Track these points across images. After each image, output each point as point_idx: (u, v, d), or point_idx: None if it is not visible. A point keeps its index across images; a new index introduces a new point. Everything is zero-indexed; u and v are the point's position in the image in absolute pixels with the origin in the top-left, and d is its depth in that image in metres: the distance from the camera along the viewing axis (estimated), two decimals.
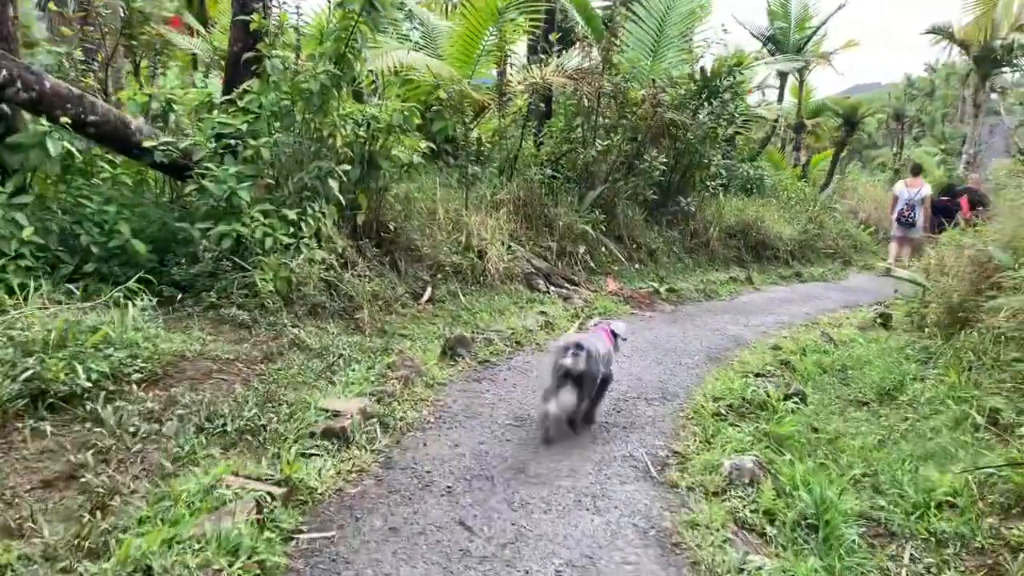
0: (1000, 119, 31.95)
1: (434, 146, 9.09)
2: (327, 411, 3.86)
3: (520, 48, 11.61)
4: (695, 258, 11.53)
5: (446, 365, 5.17)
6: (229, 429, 3.63)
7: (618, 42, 10.89)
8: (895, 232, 13.03)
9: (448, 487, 3.38)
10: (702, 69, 11.55)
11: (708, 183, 11.96)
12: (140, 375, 4.03)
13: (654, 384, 5.28)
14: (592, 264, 9.45)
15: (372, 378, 4.49)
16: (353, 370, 4.66)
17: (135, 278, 4.98)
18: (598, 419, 4.40)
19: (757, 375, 5.30)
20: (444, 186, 8.84)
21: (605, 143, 10.09)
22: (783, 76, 22.34)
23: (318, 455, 3.48)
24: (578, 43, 11.47)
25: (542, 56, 10.80)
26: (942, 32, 25.32)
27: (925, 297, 6.56)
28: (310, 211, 6.13)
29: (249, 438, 3.61)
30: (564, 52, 11.86)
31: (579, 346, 3.95)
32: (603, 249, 9.79)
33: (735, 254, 12.50)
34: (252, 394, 4.11)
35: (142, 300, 4.66)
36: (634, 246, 10.43)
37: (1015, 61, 25.00)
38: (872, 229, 18.53)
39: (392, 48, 9.75)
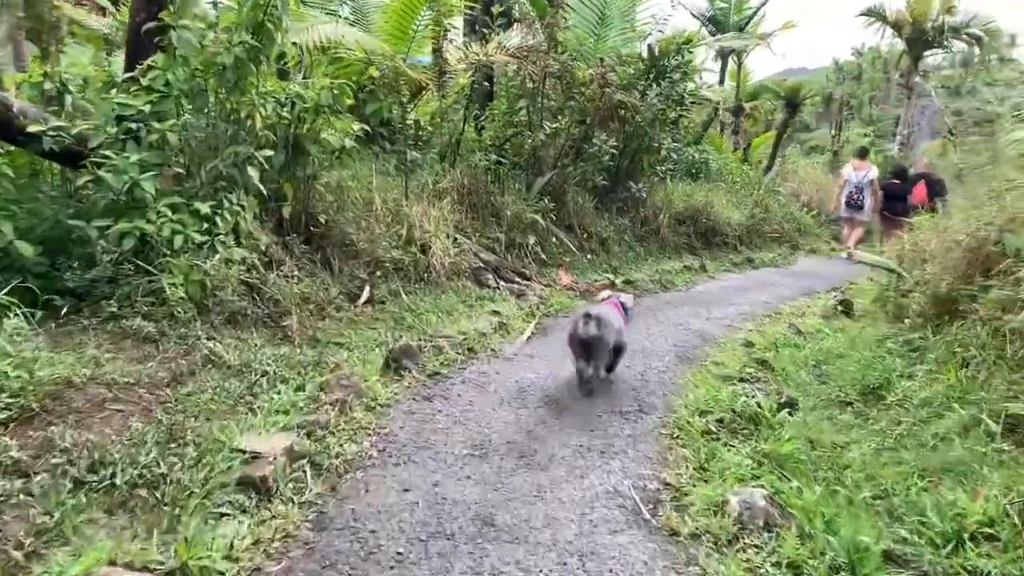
0: (931, 101, 32.68)
1: (368, 129, 8.35)
2: (245, 452, 3.12)
3: (459, 23, 10.86)
4: (646, 246, 11.04)
5: (390, 380, 4.47)
6: (119, 482, 2.88)
7: (563, 18, 10.26)
8: (844, 214, 13.40)
9: (398, 553, 2.70)
10: (649, 48, 11.03)
11: (658, 168, 11.46)
12: (7, 413, 3.23)
13: (627, 393, 4.69)
14: (543, 256, 8.84)
15: (301, 403, 3.76)
16: (279, 392, 3.93)
17: (9, 288, 4.14)
18: (613, 379, 5.02)
19: (740, 380, 4.76)
20: (381, 174, 8.09)
21: (553, 126, 9.47)
22: (724, 59, 22.14)
23: (231, 515, 2.75)
24: (521, 19, 10.79)
25: (484, 31, 10.09)
26: (876, 14, 25.58)
27: (901, 285, 6.15)
28: (227, 204, 5.33)
29: (144, 493, 2.86)
30: (505, 30, 11.19)
31: (589, 315, 4.49)
32: (554, 239, 9.18)
33: (685, 241, 12.07)
34: (153, 430, 3.35)
35: (14, 316, 3.82)
36: (585, 235, 9.87)
37: (946, 43, 25.45)
38: (815, 212, 18.46)
39: (319, 22, 8.90)
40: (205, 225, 5.16)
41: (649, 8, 11.89)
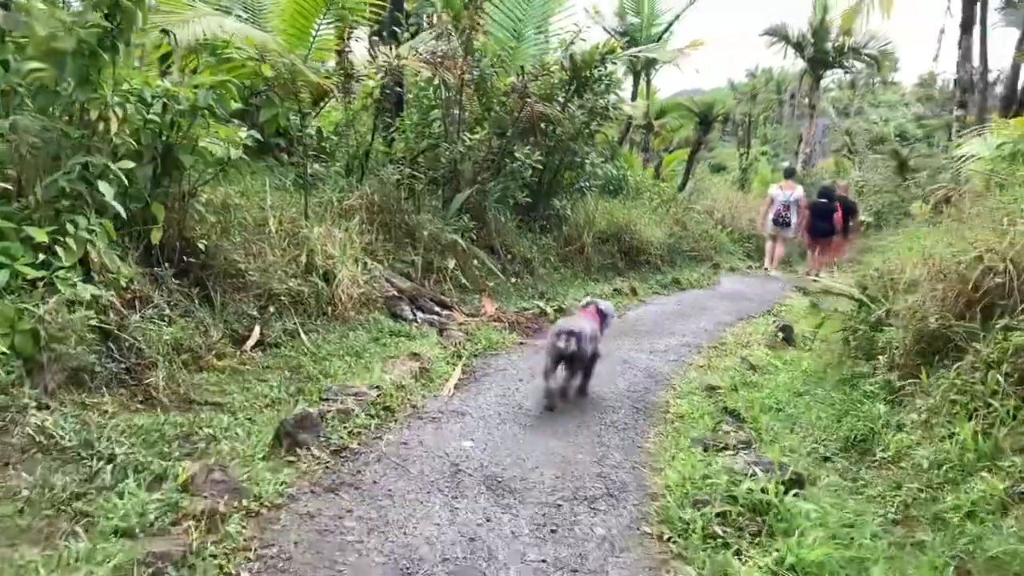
0: (825, 120, 33.77)
1: (260, 138, 7.28)
2: None
3: (366, 25, 9.84)
4: (571, 267, 10.30)
5: (282, 464, 3.41)
6: None
7: (481, 22, 9.42)
8: (770, 231, 13.79)
9: None
10: (571, 57, 10.32)
11: (582, 184, 10.76)
12: None
13: (588, 469, 3.80)
14: (464, 280, 7.90)
15: (154, 512, 2.69)
16: (125, 494, 2.83)
17: None
18: (589, 392, 5.10)
19: (721, 447, 3.95)
20: (277, 190, 6.99)
21: (474, 137, 8.58)
22: (636, 75, 21.89)
23: None
24: (435, 20, 9.89)
25: (395, 30, 9.13)
26: (779, 34, 26.06)
27: (867, 317, 5.55)
28: (72, 229, 4.18)
29: None
30: (416, 34, 10.26)
31: (571, 332, 4.64)
32: (475, 262, 8.27)
33: (610, 261, 11.42)
34: None
35: None
36: (508, 256, 9.01)
37: (845, 63, 26.18)
38: (729, 230, 18.32)
39: (204, 14, 7.71)
40: (41, 256, 4.00)
41: (570, 16, 11.07)
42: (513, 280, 8.69)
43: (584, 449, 4.12)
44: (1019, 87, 11.29)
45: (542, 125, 9.84)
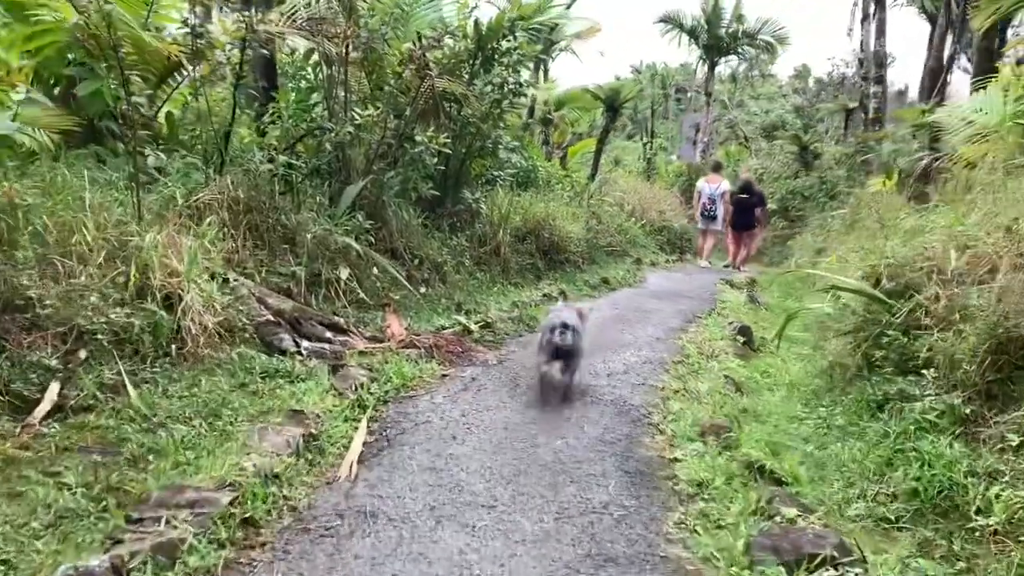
0: (716, 111, 33.73)
1: (82, 121, 5.49)
2: None
3: None
4: (488, 271, 8.81)
5: None
6: None
7: None
8: (700, 225, 13.83)
9: None
10: (476, 23, 8.82)
11: (495, 174, 9.30)
12: None
13: None
14: (362, 294, 6.27)
15: None
16: None
17: None
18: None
19: (811, 562, 2.53)
20: (103, 185, 5.17)
21: (364, 115, 6.95)
22: (537, 63, 20.62)
23: None
24: None
25: None
26: (673, 21, 25.50)
27: (892, 320, 4.32)
28: None
29: None
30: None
31: (566, 325, 4.53)
32: (375, 270, 6.65)
33: (529, 261, 10.01)
34: None
35: None
36: (415, 261, 7.42)
37: (740, 49, 25.89)
38: (643, 223, 17.34)
39: None
40: None
41: None
42: (423, 290, 7.12)
43: (565, 552, 2.64)
44: (945, 57, 10.67)
45: (446, 105, 8.32)
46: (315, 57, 8.01)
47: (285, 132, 7.30)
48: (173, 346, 4.27)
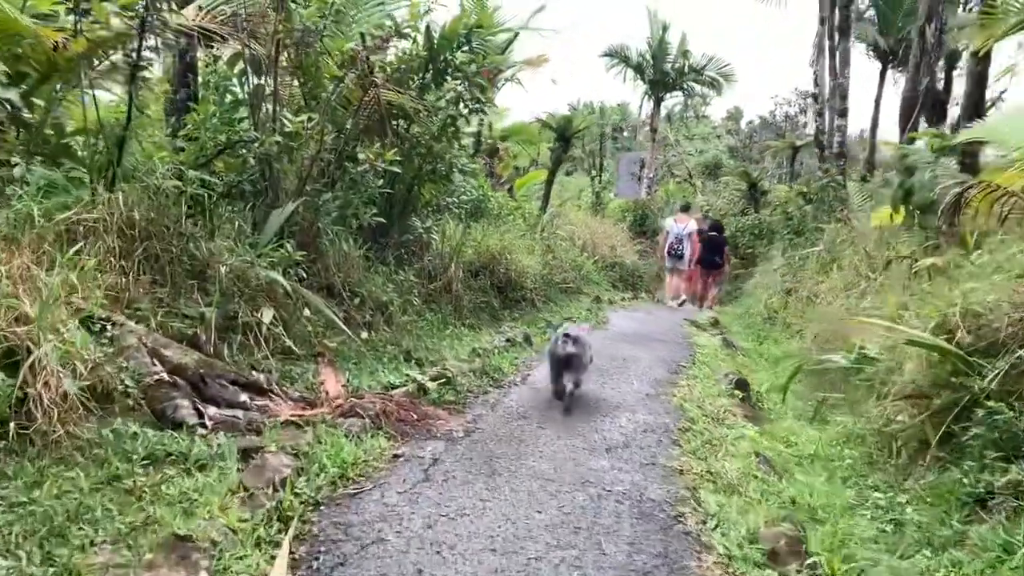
0: (678, 149, 33.62)
1: None
2: None
3: None
4: (438, 310, 7.67)
5: None
6: None
7: None
8: (667, 264, 13.73)
9: None
10: (427, 30, 7.79)
11: (448, 200, 8.21)
12: None
13: None
14: (290, 342, 5.04)
15: None
16: None
17: None
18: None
19: None
20: None
21: (297, 122, 5.78)
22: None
23: None
24: None
25: None
26: (619, 55, 25.07)
27: (969, 382, 3.36)
28: None
29: None
30: None
31: (568, 335, 5.07)
32: (306, 311, 5.42)
33: (483, 299, 8.92)
34: None
35: None
36: (355, 300, 6.22)
37: (685, 86, 25.59)
38: (595, 258, 16.48)
39: None
40: None
41: None
42: (364, 335, 5.92)
43: None
44: (920, 88, 10.16)
45: (393, 121, 7.24)
46: (242, 64, 6.86)
47: (202, 146, 6.08)
48: (12, 424, 2.99)
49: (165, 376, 3.87)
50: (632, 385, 5.85)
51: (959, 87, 16.89)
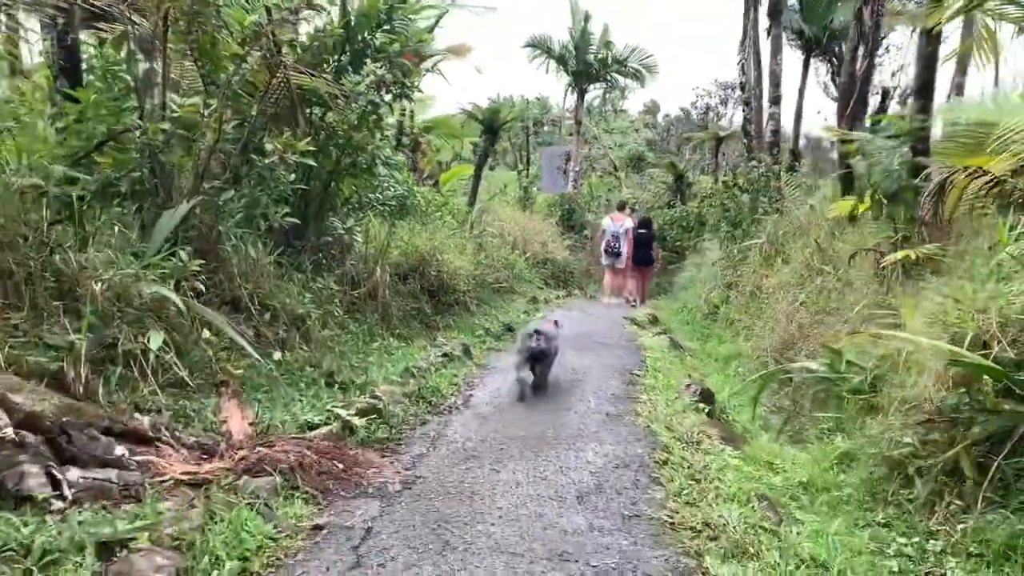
0: (599, 143, 33.30)
1: None
2: None
3: None
4: (363, 321, 6.86)
5: None
6: None
7: None
8: (605, 262, 13.53)
9: None
10: (343, 4, 6.93)
11: (371, 197, 7.38)
12: None
13: None
14: (183, 371, 4.15)
15: None
16: None
17: None
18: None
19: None
20: None
21: (188, 104, 4.87)
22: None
23: None
24: None
25: None
26: (541, 46, 24.50)
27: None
28: None
29: None
30: None
31: (538, 332, 5.41)
32: (205, 332, 4.53)
33: (413, 305, 8.14)
34: None
35: None
36: (266, 315, 5.34)
37: (608, 77, 25.19)
38: (527, 255, 15.86)
39: None
40: None
41: None
42: (277, 356, 5.06)
43: None
44: (859, 73, 9.89)
45: (308, 109, 6.39)
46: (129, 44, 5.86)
47: (87, 137, 5.09)
48: None
49: (9, 433, 2.96)
50: (589, 403, 5.19)
51: (878, 76, 17.03)
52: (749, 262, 10.28)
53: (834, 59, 19.30)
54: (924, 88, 7.28)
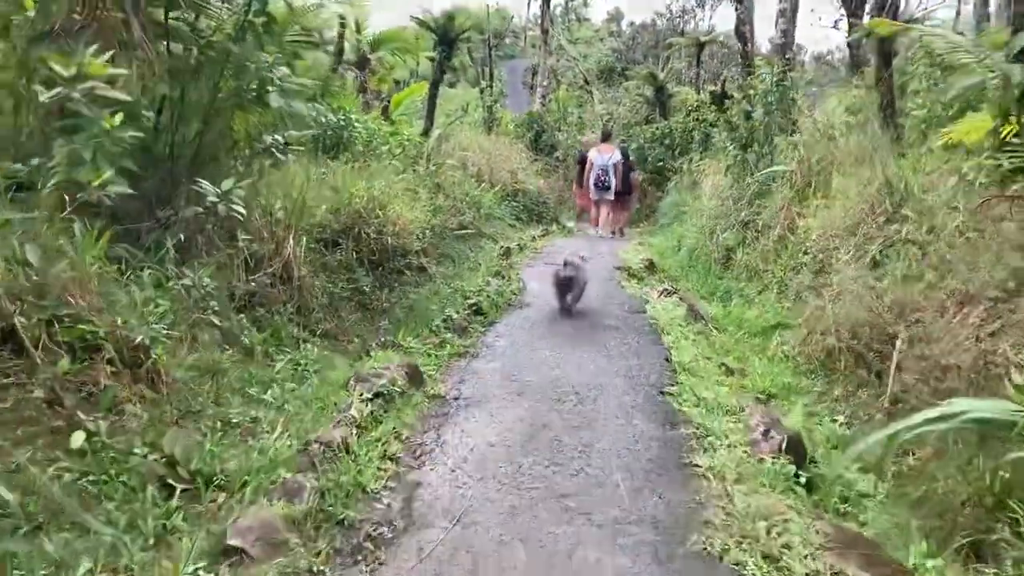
0: (565, 54, 30.54)
1: None
2: None
3: None
4: (267, 321, 4.78)
5: None
6: None
7: None
8: (593, 196, 12.91)
9: None
10: None
11: (275, 138, 5.12)
12: None
13: None
14: None
15: None
16: None
17: None
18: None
19: None
20: None
21: None
22: None
23: None
24: None
25: None
26: None
27: None
28: None
29: None
30: None
31: (568, 262, 6.11)
32: None
33: (347, 283, 6.04)
34: None
35: None
36: (62, 362, 3.20)
37: None
38: (495, 188, 13.68)
39: None
40: None
41: None
42: (80, 443, 2.96)
43: None
44: None
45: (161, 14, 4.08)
46: None
47: None
48: None
49: None
50: (614, 491, 3.18)
51: None
52: (773, 195, 8.24)
53: None
54: None
